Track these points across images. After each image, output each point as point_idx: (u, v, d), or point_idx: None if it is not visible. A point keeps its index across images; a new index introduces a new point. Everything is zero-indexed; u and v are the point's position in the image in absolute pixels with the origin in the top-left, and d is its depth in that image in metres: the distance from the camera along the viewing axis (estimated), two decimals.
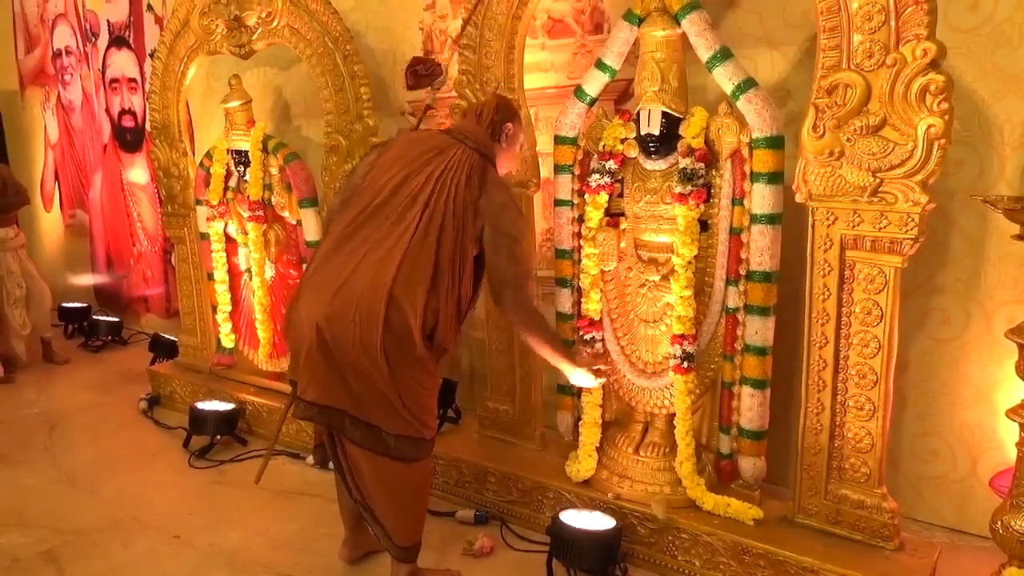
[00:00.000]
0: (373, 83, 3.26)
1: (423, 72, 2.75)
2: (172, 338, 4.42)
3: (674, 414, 2.50)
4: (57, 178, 6.22)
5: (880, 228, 2.08)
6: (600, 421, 2.66)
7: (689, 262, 2.36)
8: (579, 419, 2.72)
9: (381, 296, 2.08)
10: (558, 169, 2.71)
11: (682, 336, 2.39)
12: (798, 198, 2.21)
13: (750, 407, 2.40)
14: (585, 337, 2.63)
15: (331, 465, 2.42)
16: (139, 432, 3.84)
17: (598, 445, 2.66)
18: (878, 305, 2.14)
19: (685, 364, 2.40)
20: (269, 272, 3.64)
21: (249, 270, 3.70)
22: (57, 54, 5.86)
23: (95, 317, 5.42)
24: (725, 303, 2.42)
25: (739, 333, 2.40)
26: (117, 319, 5.40)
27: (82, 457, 3.56)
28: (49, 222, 6.36)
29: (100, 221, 5.85)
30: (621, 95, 3.02)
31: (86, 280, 6.04)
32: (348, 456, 2.28)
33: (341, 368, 2.14)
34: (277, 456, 3.34)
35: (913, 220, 2.04)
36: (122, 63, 5.29)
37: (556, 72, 3.25)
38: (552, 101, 3.20)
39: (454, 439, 3.10)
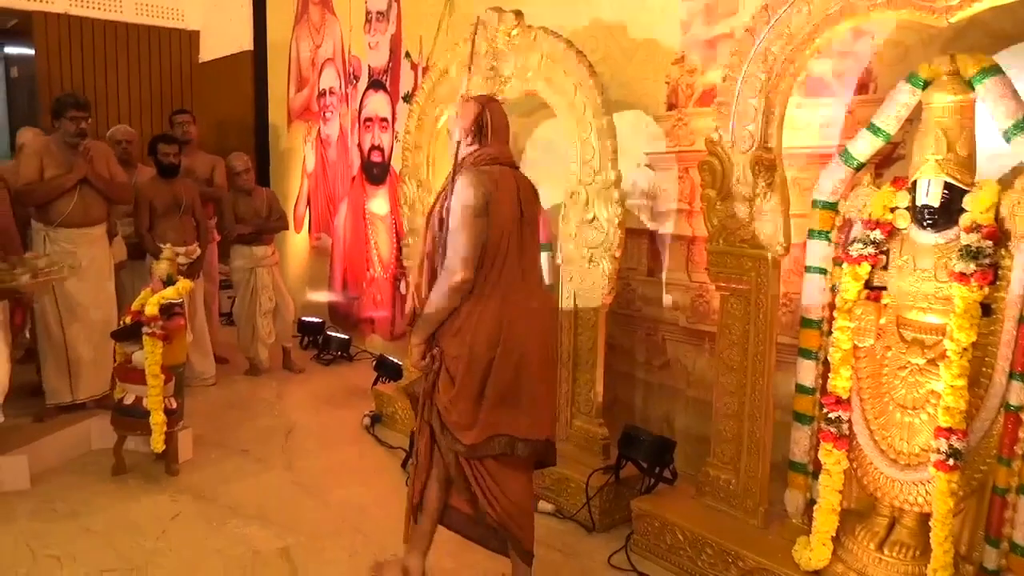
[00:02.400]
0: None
1: None
2: (397, 361, 4.71)
3: (927, 513, 2.25)
4: (309, 203, 6.92)
5: None
6: (839, 508, 2.45)
7: (965, 349, 2.13)
8: (812, 501, 2.53)
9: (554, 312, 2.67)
10: (813, 234, 2.57)
11: (950, 430, 2.15)
12: None
13: None
14: (830, 416, 2.45)
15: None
16: (362, 447, 4.11)
17: (834, 534, 2.45)
18: None
19: (951, 461, 2.15)
20: None
21: None
22: (322, 94, 6.56)
23: (328, 333, 5.91)
24: (1006, 399, 2.16)
25: (1021, 435, 2.12)
26: (347, 336, 5.86)
27: (313, 463, 3.86)
28: (297, 243, 7.07)
29: (341, 245, 6.41)
30: (885, 159, 2.82)
31: (323, 297, 6.63)
32: (493, 482, 2.42)
33: (551, 387, 2.52)
34: None
35: None
36: (377, 104, 5.81)
37: (809, 132, 3.11)
38: (801, 162, 3.07)
39: (669, 501, 3.01)
